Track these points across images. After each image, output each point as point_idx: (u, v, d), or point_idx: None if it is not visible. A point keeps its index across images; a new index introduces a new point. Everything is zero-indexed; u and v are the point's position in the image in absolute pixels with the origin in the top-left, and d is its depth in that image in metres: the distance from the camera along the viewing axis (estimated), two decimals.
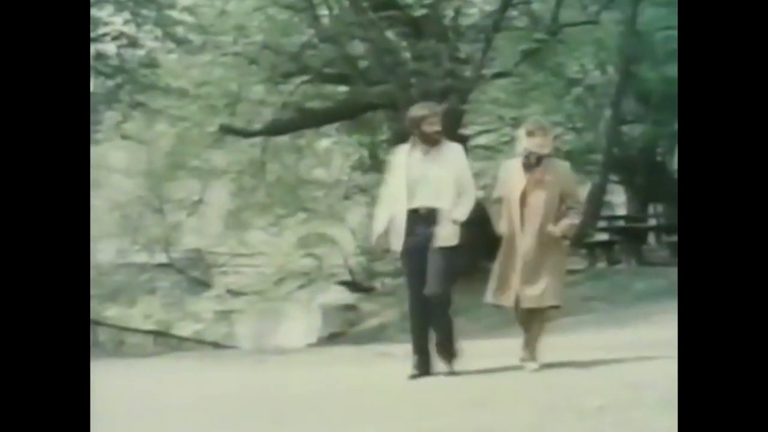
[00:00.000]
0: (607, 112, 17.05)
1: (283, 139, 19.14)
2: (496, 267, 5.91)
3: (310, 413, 5.36)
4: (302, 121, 17.41)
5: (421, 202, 5.78)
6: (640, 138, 18.79)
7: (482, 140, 19.43)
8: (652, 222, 19.06)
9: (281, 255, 22.09)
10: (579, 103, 18.66)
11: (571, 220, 5.91)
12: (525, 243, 5.77)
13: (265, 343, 20.21)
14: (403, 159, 5.85)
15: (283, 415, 5.35)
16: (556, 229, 5.84)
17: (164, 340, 20.34)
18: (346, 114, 17.91)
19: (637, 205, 19.48)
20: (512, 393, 5.15)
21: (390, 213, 5.86)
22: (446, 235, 5.78)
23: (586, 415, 4.69)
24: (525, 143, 5.91)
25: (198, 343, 20.23)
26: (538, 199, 5.82)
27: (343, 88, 17.78)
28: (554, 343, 7.27)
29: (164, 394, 6.34)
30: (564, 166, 6.06)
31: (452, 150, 5.88)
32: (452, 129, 15.98)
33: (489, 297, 5.88)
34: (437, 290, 5.73)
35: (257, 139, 18.12)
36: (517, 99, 17.57)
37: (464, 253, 6.01)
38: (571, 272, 13.95)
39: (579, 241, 16.14)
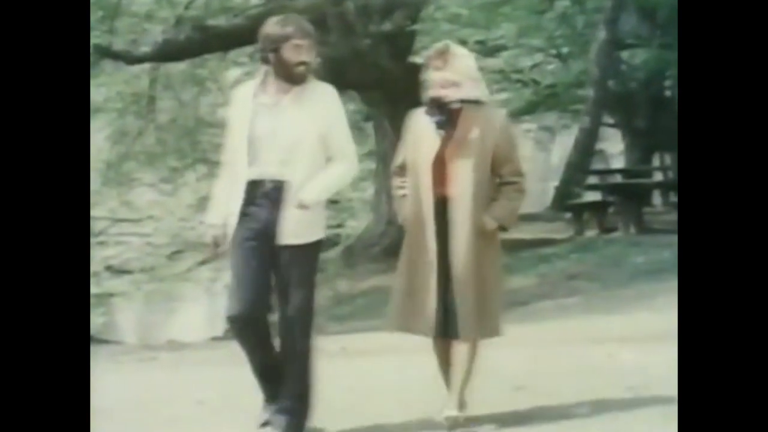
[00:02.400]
0: (601, 33, 17.20)
1: (179, 66, 18.93)
2: (399, 277, 5.09)
3: (214, 427, 5.40)
4: (204, 43, 17.20)
5: (266, 170, 4.90)
6: (643, 67, 19.00)
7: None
8: (658, 177, 19.36)
9: (176, 220, 21.98)
10: (564, 22, 18.80)
11: (510, 202, 5.05)
12: (455, 242, 4.93)
13: (156, 336, 20.14)
14: (248, 102, 5.00)
15: (178, 430, 5.38)
16: (490, 218, 4.97)
17: None
18: None
19: (638, 154, 19.74)
20: None
21: (229, 189, 5.01)
22: (292, 226, 4.88)
23: (573, 418, 4.81)
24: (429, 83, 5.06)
25: None
26: (463, 171, 4.93)
27: (256, 1, 17.62)
28: (528, 334, 7.41)
29: None
30: (498, 115, 5.15)
31: (322, 94, 5.01)
32: (400, 57, 16.04)
33: (392, 323, 5.10)
34: (292, 331, 4.90)
35: (143, 67, 17.90)
36: (483, 16, 17.61)
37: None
38: (552, 243, 14.18)
39: (561, 201, 16.35)
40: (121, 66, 17.55)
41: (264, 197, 4.89)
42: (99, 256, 22.53)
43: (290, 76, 4.95)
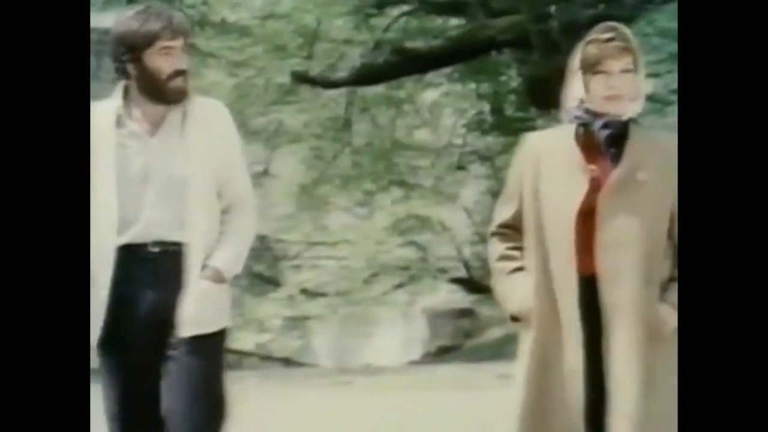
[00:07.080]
0: None
1: (376, 90, 19.23)
2: (523, 403, 3.42)
3: None
4: (402, 65, 17.46)
5: (148, 230, 3.62)
6: None
7: (647, 88, 19.13)
8: None
9: (372, 244, 22.26)
10: None
11: None
12: (610, 350, 3.30)
13: (352, 359, 20.44)
14: (109, 132, 3.68)
15: None
16: (671, 310, 3.31)
17: None
18: (461, 55, 17.88)
19: None
20: None
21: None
22: (196, 308, 3.59)
23: None
24: (583, 89, 3.46)
25: (264, 359, 20.57)
26: (627, 231, 3.31)
27: (455, 21, 17.74)
28: None
29: None
30: (673, 147, 3.31)
31: (212, 117, 3.76)
32: None
33: None
34: None
35: (341, 91, 18.25)
36: None
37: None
38: None
39: None
40: (319, 91, 17.95)
41: (146, 269, 3.62)
42: (294, 280, 23.08)
43: (162, 94, 3.68)
